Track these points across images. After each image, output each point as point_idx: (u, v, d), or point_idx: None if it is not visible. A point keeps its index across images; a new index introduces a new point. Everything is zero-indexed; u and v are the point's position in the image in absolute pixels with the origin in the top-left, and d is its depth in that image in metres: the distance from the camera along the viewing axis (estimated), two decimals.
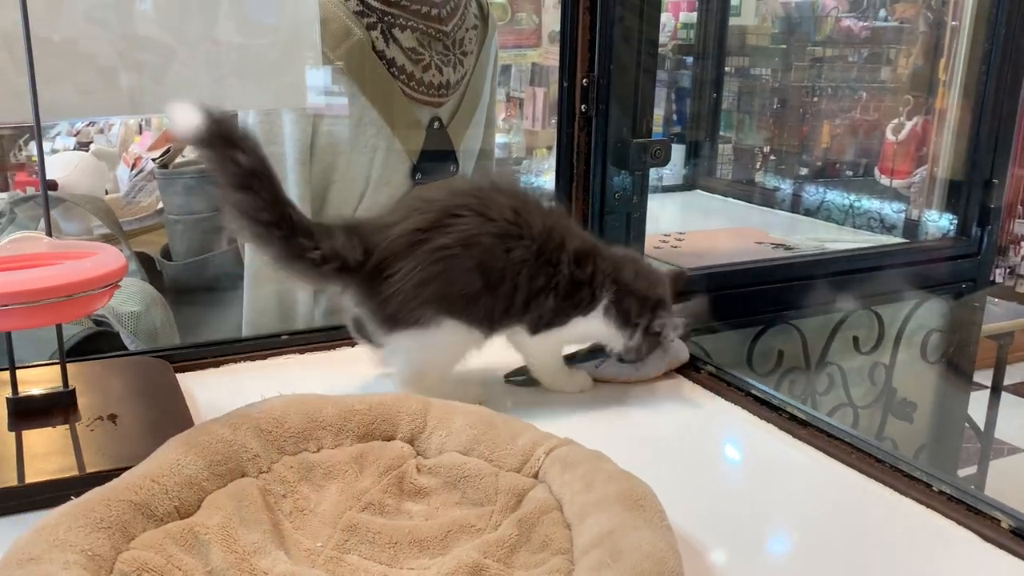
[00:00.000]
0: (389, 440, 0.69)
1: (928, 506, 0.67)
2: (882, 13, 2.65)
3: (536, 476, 0.64)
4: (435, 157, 1.07)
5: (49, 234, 0.73)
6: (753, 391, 0.86)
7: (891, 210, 2.47)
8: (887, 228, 2.40)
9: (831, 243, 1.60)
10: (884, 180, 2.74)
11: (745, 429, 0.82)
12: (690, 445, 0.80)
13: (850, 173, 2.67)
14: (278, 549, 0.57)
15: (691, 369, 0.93)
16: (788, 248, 1.51)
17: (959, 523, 0.65)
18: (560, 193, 1.09)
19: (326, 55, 0.93)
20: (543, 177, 2.69)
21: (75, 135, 2.86)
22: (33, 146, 3.09)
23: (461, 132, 1.09)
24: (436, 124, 1.05)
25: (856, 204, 2.38)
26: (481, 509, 0.63)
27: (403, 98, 1.01)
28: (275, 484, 0.63)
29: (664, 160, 1.12)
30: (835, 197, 2.34)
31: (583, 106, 1.06)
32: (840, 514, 0.68)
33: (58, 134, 2.68)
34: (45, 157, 1.94)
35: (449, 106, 1.07)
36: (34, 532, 0.52)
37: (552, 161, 3.01)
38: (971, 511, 0.66)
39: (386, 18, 0.97)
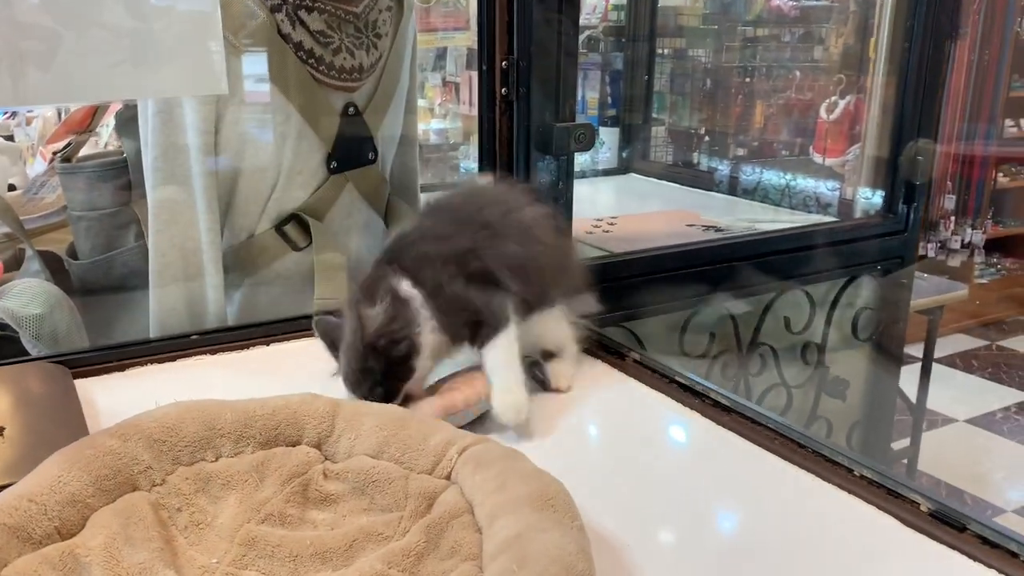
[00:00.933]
0: (294, 445, 0.65)
1: (850, 492, 0.66)
2: None
3: (448, 477, 0.62)
4: (352, 144, 1.03)
5: None
6: (678, 378, 0.85)
7: (826, 189, 2.49)
8: (823, 207, 2.42)
9: (764, 224, 1.60)
10: (819, 159, 2.77)
11: (669, 417, 0.80)
12: (613, 436, 0.78)
13: (786, 153, 2.69)
14: (167, 568, 0.53)
15: (616, 356, 0.91)
16: (719, 230, 1.50)
17: (880, 508, 0.64)
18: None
19: (228, 39, 0.88)
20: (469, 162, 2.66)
21: None
22: None
23: (379, 118, 1.05)
24: (351, 110, 1.01)
25: (792, 184, 2.39)
26: (389, 515, 0.60)
27: (313, 83, 0.96)
28: (169, 497, 0.60)
29: (588, 145, 1.10)
30: (771, 177, 2.35)
31: (503, 89, 1.03)
32: (763, 502, 0.67)
33: None
34: None
35: (364, 91, 1.03)
36: None
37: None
38: (892, 495, 0.65)
39: (291, 0, 0.93)
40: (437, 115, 3.06)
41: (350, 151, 1.03)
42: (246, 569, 0.55)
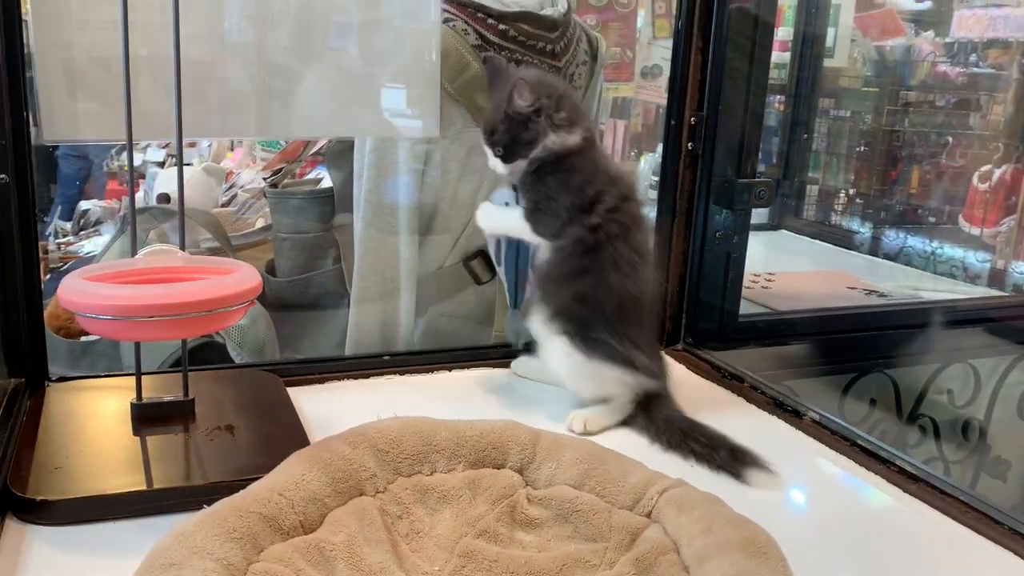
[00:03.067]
0: (499, 468, 0.70)
1: None
2: (973, 58, 2.60)
3: (649, 516, 0.64)
4: None
5: (183, 247, 0.76)
6: (859, 441, 0.85)
7: (975, 259, 2.40)
8: (970, 277, 2.33)
9: (927, 292, 1.57)
10: (968, 228, 2.67)
11: (852, 482, 0.80)
12: (794, 496, 0.79)
13: (932, 220, 2.61)
14: (400, 570, 0.58)
15: (793, 414, 0.92)
16: (881, 295, 1.48)
17: None
18: (661, 230, 1.09)
19: (444, 87, 0.95)
20: None
21: (164, 147, 2.96)
22: (123, 157, 3.22)
23: None
24: None
25: (938, 251, 2.32)
26: (595, 545, 0.63)
27: None
28: (391, 505, 0.65)
29: (768, 201, 1.12)
30: (917, 243, 2.29)
31: (690, 144, 1.06)
32: (952, 571, 0.66)
33: (148, 146, 2.78)
34: (153, 171, 2.00)
35: None
36: (173, 538, 0.54)
37: None
38: None
39: (503, 53, 1.00)
40: None
41: None
42: None
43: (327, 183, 1.20)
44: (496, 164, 0.81)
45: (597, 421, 0.84)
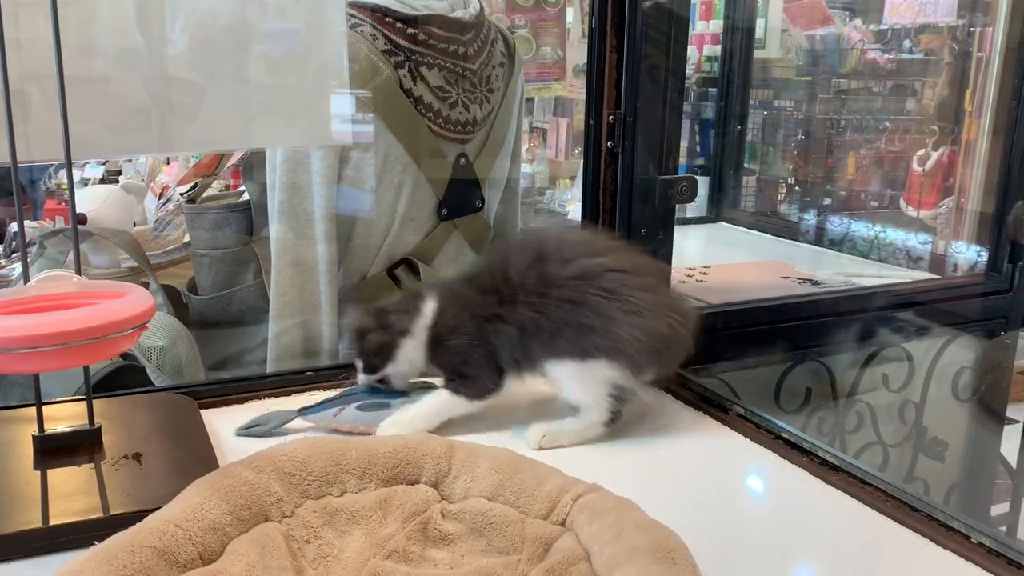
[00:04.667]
0: (413, 484, 0.68)
1: (967, 559, 0.65)
2: (907, 44, 2.64)
3: (563, 524, 0.63)
4: (461, 192, 1.07)
5: (79, 272, 0.73)
6: (783, 434, 0.85)
7: (917, 242, 2.44)
8: (912, 260, 2.37)
9: (858, 278, 1.58)
10: (910, 211, 2.71)
11: (776, 474, 0.80)
12: (717, 490, 0.79)
13: (875, 204, 2.65)
14: None
15: (719, 409, 0.92)
16: (815, 283, 1.49)
17: None
18: (587, 230, 1.09)
19: (354, 94, 0.93)
20: (566, 207, 2.69)
21: (103, 163, 2.90)
22: (62, 174, 3.14)
23: (487, 166, 1.09)
24: (463, 160, 1.06)
25: (881, 235, 2.35)
26: (507, 558, 0.61)
27: (430, 135, 1.01)
28: (298, 529, 0.63)
29: (690, 197, 1.11)
30: (860, 228, 2.32)
31: (609, 143, 1.06)
32: (875, 565, 0.66)
33: (86, 163, 2.71)
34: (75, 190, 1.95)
35: (476, 142, 1.07)
36: None
37: (576, 191, 3.01)
38: (1013, 565, 0.64)
39: (414, 56, 0.98)
40: (525, 160, 3.11)
41: (459, 199, 1.07)
42: None
43: (247, 196, 1.17)
44: (365, 379, 0.85)
45: (555, 438, 0.82)
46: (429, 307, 0.82)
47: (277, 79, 0.91)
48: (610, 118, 1.05)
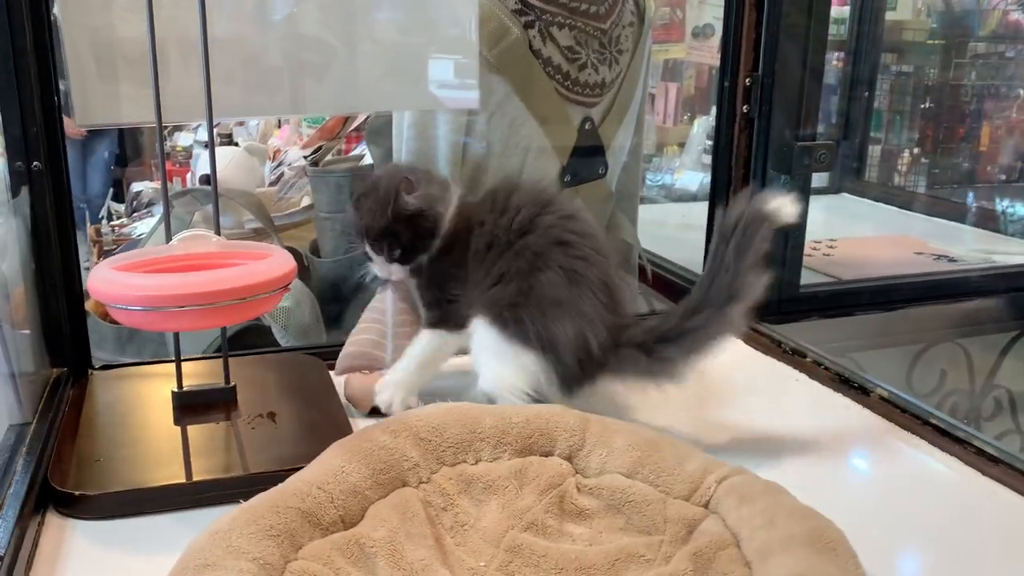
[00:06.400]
0: (547, 456, 0.66)
1: None
2: None
3: (707, 506, 0.61)
4: (585, 158, 1.04)
5: (218, 232, 0.74)
6: (933, 420, 0.79)
7: None
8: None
9: (997, 255, 1.48)
10: None
11: (924, 462, 0.75)
12: (861, 479, 0.74)
13: (1003, 178, 2.48)
14: (443, 567, 0.55)
15: (860, 391, 0.87)
16: (951, 260, 1.40)
17: None
18: (717, 198, 1.04)
19: (482, 55, 0.91)
20: (675, 175, 2.62)
21: (216, 127, 2.97)
22: (177, 137, 3.24)
23: (612, 132, 1.06)
24: (588, 124, 1.02)
25: (1009, 210, 2.20)
26: (649, 538, 0.59)
27: (557, 98, 0.98)
28: (435, 496, 0.62)
29: (829, 165, 1.06)
30: (989, 203, 2.18)
31: (745, 107, 1.01)
32: None
33: (199, 125, 2.79)
34: (198, 152, 2.00)
35: (602, 106, 1.03)
36: (208, 536, 0.52)
37: (684, 159, 2.90)
38: None
39: (544, 16, 0.95)
40: None
41: (583, 165, 1.04)
42: None
43: (368, 160, 1.17)
44: (392, 269, 0.78)
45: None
46: (454, 197, 0.77)
47: (407, 39, 0.89)
48: (747, 81, 1.00)
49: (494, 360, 0.75)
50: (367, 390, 0.80)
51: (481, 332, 0.75)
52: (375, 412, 0.80)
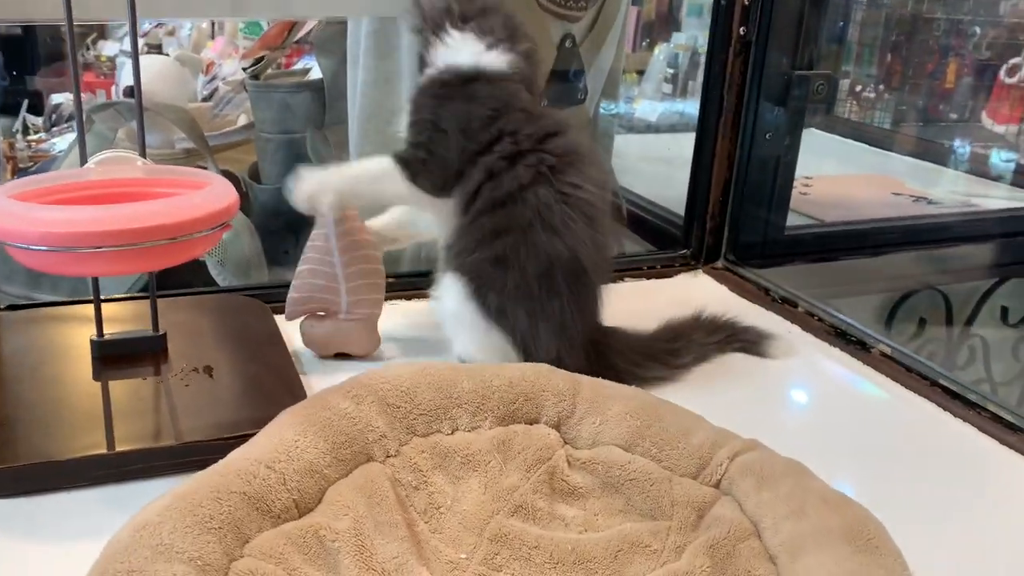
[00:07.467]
0: (532, 424, 0.58)
1: None
2: None
3: (718, 486, 0.53)
4: (565, 79, 0.93)
5: (143, 153, 0.62)
6: (942, 380, 0.73)
7: (999, 159, 2.26)
8: (992, 179, 2.20)
9: (977, 198, 1.43)
10: (992, 126, 2.51)
11: (935, 429, 0.69)
12: (869, 446, 0.68)
13: (955, 116, 2.45)
14: (419, 563, 0.47)
15: (859, 347, 0.80)
16: (930, 202, 1.35)
17: None
18: (704, 129, 0.95)
19: None
20: (634, 104, 2.51)
21: (143, 36, 2.74)
22: (102, 46, 2.99)
23: (594, 52, 0.95)
24: (568, 42, 0.92)
25: (960, 150, 2.17)
26: (654, 523, 0.52)
27: (537, 11, 0.87)
28: (404, 472, 0.53)
29: (825, 98, 0.97)
30: (944, 138, 2.14)
31: (742, 29, 0.91)
32: None
33: (125, 35, 2.57)
34: (122, 61, 1.81)
35: (584, 22, 0.93)
36: (132, 533, 0.42)
37: (643, 87, 2.79)
38: None
39: None
40: None
41: (562, 88, 0.94)
42: (500, 571, 0.48)
43: (316, 74, 1.04)
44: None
45: None
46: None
47: None
48: (745, 0, 0.90)
49: (465, 333, 0.68)
50: (329, 330, 0.71)
51: (456, 299, 0.67)
52: (342, 356, 0.71)
